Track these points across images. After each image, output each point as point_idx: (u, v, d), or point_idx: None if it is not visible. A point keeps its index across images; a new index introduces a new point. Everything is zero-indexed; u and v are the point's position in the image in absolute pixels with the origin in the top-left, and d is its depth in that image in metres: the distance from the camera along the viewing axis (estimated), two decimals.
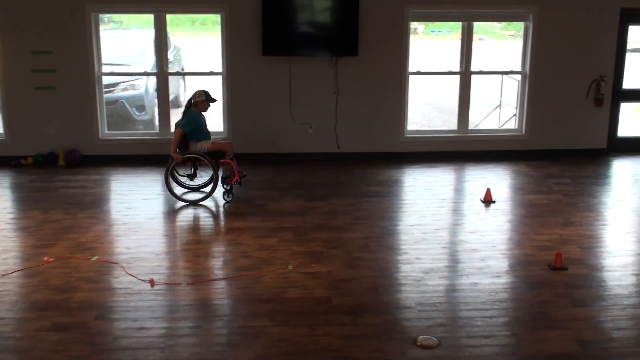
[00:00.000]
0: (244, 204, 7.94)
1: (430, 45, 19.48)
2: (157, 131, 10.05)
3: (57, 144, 9.62)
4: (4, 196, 8.34)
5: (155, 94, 10.29)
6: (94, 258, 6.28)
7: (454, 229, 7.29)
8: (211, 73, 10.25)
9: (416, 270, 6.07)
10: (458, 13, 9.80)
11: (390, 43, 9.66)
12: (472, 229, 7.15)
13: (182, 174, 8.28)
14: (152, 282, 5.74)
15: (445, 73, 11.37)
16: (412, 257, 6.38)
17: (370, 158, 9.88)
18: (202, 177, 8.29)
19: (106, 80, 10.17)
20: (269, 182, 8.78)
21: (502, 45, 19.80)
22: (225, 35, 9.50)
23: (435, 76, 13.02)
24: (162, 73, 9.75)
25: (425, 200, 8.12)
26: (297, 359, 4.63)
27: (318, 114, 9.77)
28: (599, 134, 10.24)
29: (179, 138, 7.86)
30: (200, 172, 8.25)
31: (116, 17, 15.51)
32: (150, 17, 9.63)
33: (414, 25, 14.16)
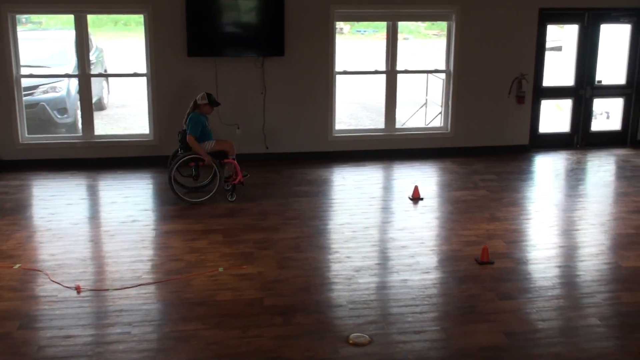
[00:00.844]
0: (173, 206, 7.83)
1: (357, 44, 19.66)
2: (80, 134, 9.79)
3: None
4: None
5: (78, 96, 10.05)
6: (17, 266, 6.08)
7: (383, 227, 7.36)
8: (135, 74, 10.07)
9: (347, 268, 6.11)
10: (383, 13, 9.89)
11: (317, 43, 9.68)
12: (401, 226, 7.23)
13: (185, 174, 8.21)
14: (78, 289, 5.60)
15: (372, 72, 11.47)
16: (343, 255, 6.42)
17: (299, 158, 9.87)
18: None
19: (25, 82, 9.85)
20: None
21: (427, 44, 20.13)
22: (149, 36, 9.34)
23: (362, 75, 13.14)
24: (84, 75, 9.51)
25: (354, 199, 8.17)
26: None
27: (246, 115, 9.71)
28: (521, 130, 10.50)
29: (196, 143, 7.83)
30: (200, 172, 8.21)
31: (35, 17, 15.08)
32: (71, 18, 9.38)
33: (339, 25, 14.30)
